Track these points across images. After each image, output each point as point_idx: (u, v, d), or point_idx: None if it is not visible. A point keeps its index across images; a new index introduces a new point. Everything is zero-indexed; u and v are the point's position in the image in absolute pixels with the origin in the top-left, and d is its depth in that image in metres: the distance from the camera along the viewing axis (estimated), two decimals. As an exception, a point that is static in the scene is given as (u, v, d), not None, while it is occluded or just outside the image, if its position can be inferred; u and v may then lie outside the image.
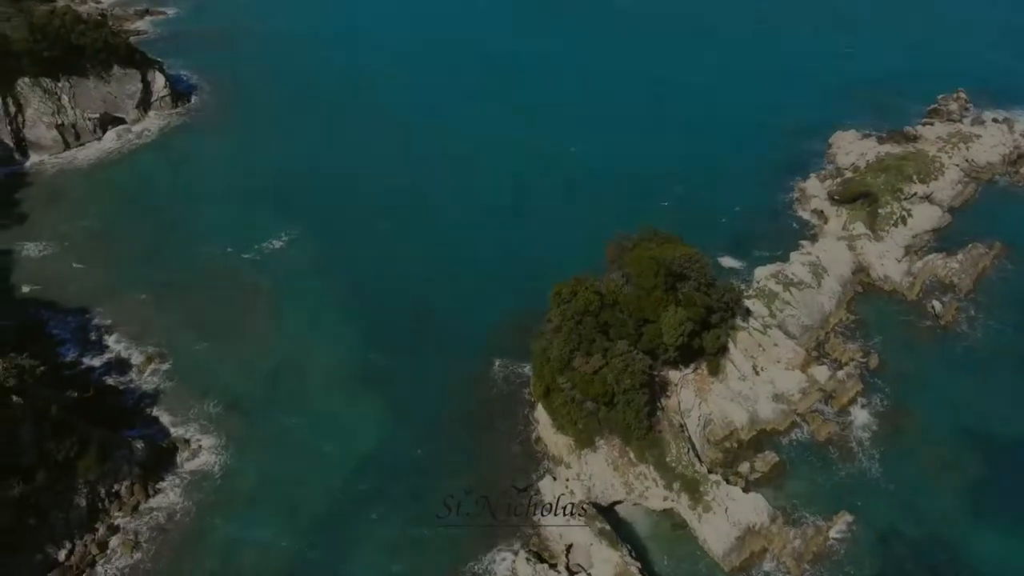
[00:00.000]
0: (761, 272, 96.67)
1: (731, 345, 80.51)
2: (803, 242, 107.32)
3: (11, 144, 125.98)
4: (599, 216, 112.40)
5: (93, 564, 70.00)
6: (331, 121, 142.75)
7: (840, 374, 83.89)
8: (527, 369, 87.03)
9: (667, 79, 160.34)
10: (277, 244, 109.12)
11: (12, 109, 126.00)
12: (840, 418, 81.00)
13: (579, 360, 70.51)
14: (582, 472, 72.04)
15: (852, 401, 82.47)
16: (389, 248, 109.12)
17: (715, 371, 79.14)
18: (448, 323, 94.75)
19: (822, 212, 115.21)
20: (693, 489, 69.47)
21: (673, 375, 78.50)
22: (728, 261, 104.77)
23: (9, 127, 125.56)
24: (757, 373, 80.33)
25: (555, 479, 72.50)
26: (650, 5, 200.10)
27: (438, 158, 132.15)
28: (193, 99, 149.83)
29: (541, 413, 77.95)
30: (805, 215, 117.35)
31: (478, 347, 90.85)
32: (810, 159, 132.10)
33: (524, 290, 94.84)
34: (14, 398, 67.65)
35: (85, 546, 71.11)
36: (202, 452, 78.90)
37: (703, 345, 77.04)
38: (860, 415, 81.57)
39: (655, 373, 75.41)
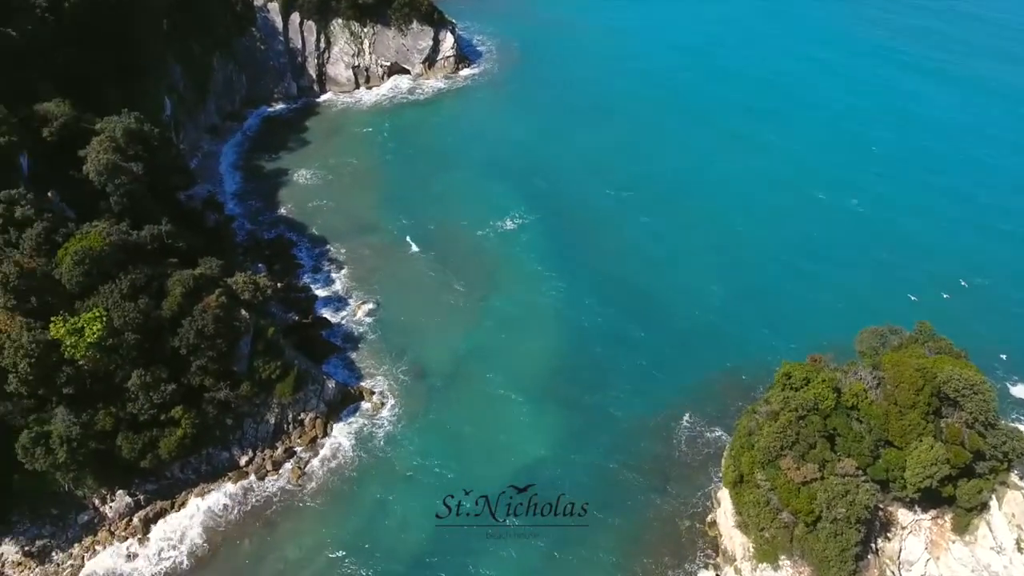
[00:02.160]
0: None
1: (994, 504, 63.15)
2: None
3: (313, 76, 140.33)
4: (861, 285, 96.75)
5: (263, 477, 74.96)
6: (603, 112, 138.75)
7: None
8: (721, 437, 77.12)
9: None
10: (510, 225, 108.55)
11: (322, 45, 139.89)
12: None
13: (789, 462, 59.40)
14: (753, 584, 61.56)
15: None
16: (626, 255, 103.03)
17: (962, 528, 62.71)
18: (653, 351, 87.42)
19: None
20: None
21: (903, 514, 63.64)
22: (1022, 392, 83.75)
23: (316, 61, 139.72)
24: (1021, 550, 62.24)
25: (717, 577, 63.00)
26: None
27: (713, 171, 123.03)
28: (475, 65, 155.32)
29: (725, 497, 68.00)
30: None
31: (673, 389, 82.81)
32: None
33: (749, 342, 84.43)
34: (243, 312, 73.56)
35: (263, 460, 76.45)
36: (381, 411, 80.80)
37: (955, 495, 61.15)
38: None
39: (881, 506, 61.54)
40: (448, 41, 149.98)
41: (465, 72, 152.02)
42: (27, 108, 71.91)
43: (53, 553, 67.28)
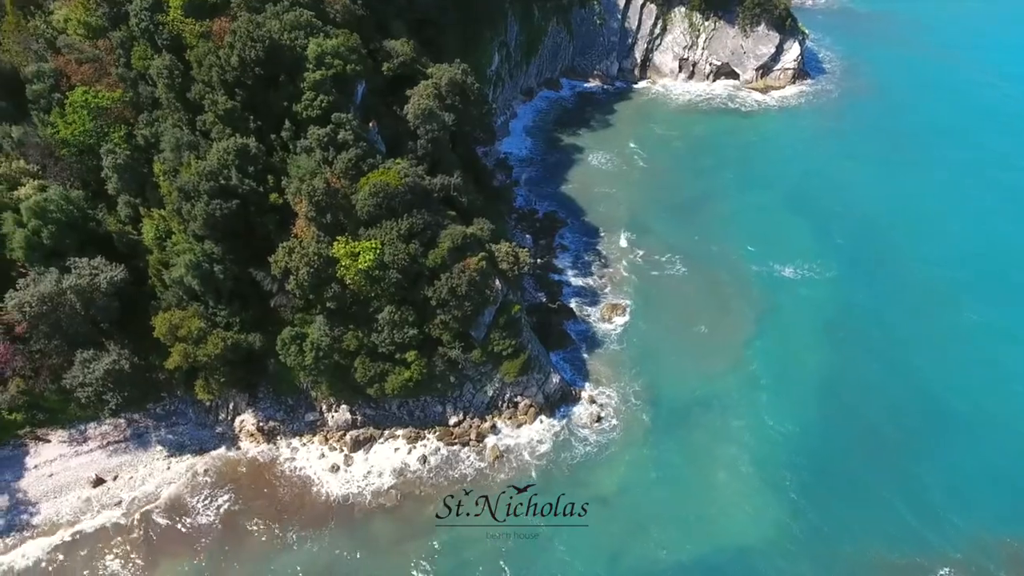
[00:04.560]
0: None
1: None
2: None
3: (638, 60, 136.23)
4: None
5: (465, 444, 75.06)
6: (952, 168, 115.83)
7: None
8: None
9: None
10: (791, 272, 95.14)
11: (656, 31, 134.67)
12: None
13: None
14: None
15: None
16: (939, 354, 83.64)
17: None
18: (934, 482, 70.45)
19: None
20: None
21: None
22: None
23: (645, 46, 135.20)
24: None
25: None
26: None
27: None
28: (812, 83, 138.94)
29: None
30: None
31: (941, 532, 65.66)
32: None
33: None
34: (497, 282, 72.96)
35: (470, 426, 76.62)
36: (594, 425, 75.99)
37: None
38: None
39: None
40: (793, 52, 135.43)
41: (798, 89, 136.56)
42: (378, 42, 77.45)
43: (279, 437, 74.49)
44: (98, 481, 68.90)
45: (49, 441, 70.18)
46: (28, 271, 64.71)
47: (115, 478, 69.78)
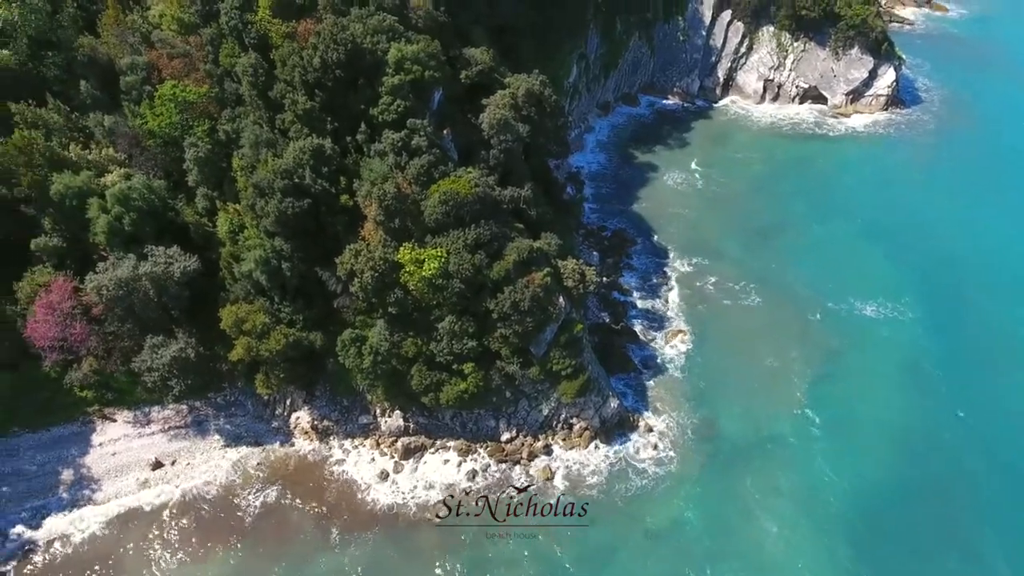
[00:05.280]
0: None
1: None
2: None
3: (720, 79, 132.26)
4: None
5: (516, 463, 73.27)
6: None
7: None
8: None
9: None
10: (872, 311, 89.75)
11: (742, 50, 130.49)
12: None
13: None
14: None
15: None
16: (1009, 412, 77.90)
17: None
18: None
19: None
20: None
21: None
22: None
23: (729, 65, 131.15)
24: None
25: None
26: None
27: None
28: (906, 111, 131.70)
29: None
30: None
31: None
32: None
33: None
34: (561, 299, 71.12)
35: (522, 444, 74.83)
36: (650, 454, 73.05)
37: None
38: None
39: None
40: (887, 78, 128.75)
41: (891, 117, 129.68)
42: (457, 49, 77.07)
43: (331, 437, 74.54)
44: (157, 464, 70.42)
45: (115, 420, 72.27)
46: (108, 255, 66.80)
47: (173, 463, 71.19)
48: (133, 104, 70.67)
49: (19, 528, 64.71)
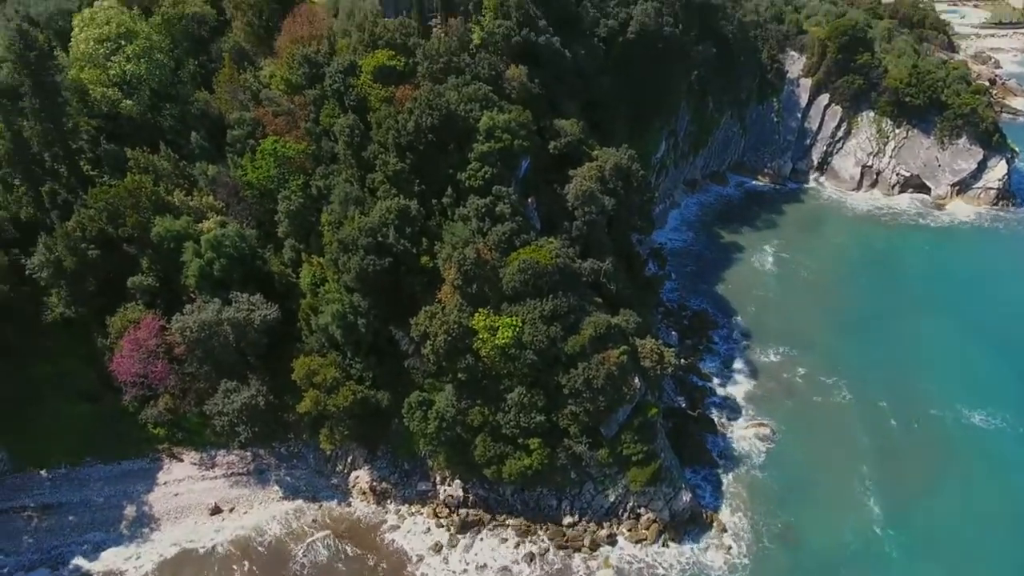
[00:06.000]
0: None
1: None
2: None
3: (814, 163, 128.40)
4: None
5: (577, 550, 68.92)
6: None
7: None
8: None
9: None
10: (981, 420, 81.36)
11: (839, 134, 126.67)
12: None
13: None
14: None
15: None
16: None
17: None
18: None
19: None
20: None
21: None
22: None
23: (825, 149, 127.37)
24: None
25: None
26: None
27: None
28: (1020, 208, 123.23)
29: None
30: None
31: None
32: None
33: None
34: (636, 380, 67.92)
35: (584, 530, 70.53)
36: (721, 557, 67.13)
37: None
38: None
39: None
40: (998, 170, 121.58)
41: (1000, 212, 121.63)
42: (548, 120, 77.56)
43: (389, 501, 72.47)
44: (216, 509, 70.16)
45: (182, 460, 72.92)
46: (196, 298, 68.88)
47: (231, 510, 70.79)
48: (236, 156, 74.05)
49: (78, 560, 65.34)
